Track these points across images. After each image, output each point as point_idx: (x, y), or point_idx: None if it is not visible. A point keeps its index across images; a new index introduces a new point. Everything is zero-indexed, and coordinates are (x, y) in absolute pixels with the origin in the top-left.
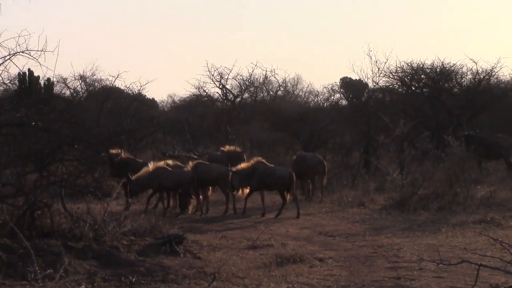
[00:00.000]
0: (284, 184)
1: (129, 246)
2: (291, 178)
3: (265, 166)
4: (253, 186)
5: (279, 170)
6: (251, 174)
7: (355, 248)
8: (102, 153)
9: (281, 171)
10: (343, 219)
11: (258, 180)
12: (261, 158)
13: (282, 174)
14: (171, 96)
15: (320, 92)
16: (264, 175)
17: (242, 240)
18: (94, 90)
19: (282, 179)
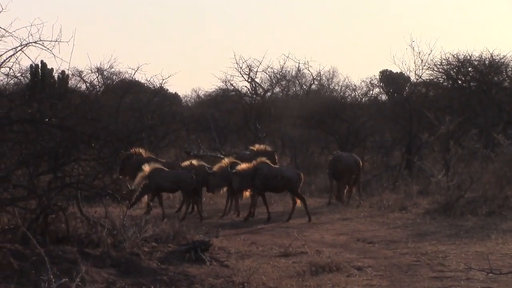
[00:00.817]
0: (292, 186)
1: (150, 253)
2: (299, 180)
3: (269, 167)
4: (257, 187)
5: (286, 171)
6: (253, 176)
7: (396, 256)
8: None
9: (289, 172)
10: (383, 224)
11: (262, 181)
12: (265, 159)
13: (290, 175)
14: (195, 90)
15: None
16: (269, 176)
17: (273, 247)
18: (112, 84)
19: (289, 181)
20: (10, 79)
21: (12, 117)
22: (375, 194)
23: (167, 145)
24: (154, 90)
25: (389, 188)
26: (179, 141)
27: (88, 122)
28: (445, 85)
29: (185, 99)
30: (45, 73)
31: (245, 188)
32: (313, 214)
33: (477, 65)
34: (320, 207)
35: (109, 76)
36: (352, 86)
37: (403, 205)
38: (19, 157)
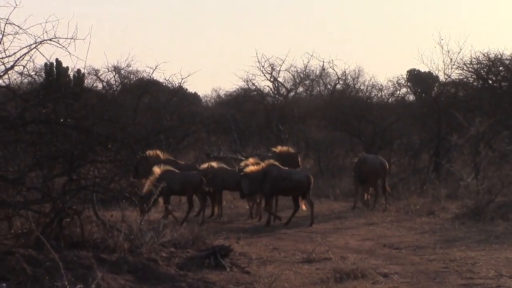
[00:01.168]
0: (301, 189)
1: (168, 259)
2: (309, 183)
3: (279, 169)
4: (266, 191)
5: (296, 173)
6: (263, 179)
7: (424, 263)
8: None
9: (298, 174)
10: (410, 229)
11: (272, 184)
12: (274, 160)
13: (299, 178)
14: (215, 90)
15: (384, 86)
16: (278, 179)
17: (296, 253)
18: (130, 83)
19: (299, 183)
20: (24, 78)
21: (26, 117)
22: (402, 198)
23: (186, 147)
24: (173, 90)
25: (416, 192)
26: (198, 143)
27: (105, 123)
28: (475, 85)
29: (205, 99)
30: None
31: (254, 192)
32: (337, 218)
33: (508, 64)
34: (345, 212)
35: (127, 75)
36: (379, 86)
37: (431, 209)
38: (33, 159)
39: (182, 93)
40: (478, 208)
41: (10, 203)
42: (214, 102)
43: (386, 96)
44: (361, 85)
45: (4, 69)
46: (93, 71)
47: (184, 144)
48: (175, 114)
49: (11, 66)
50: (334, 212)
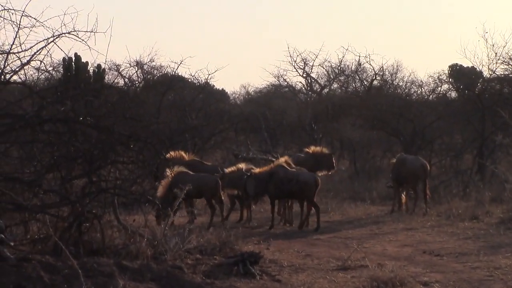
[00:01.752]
0: (309, 192)
1: (194, 266)
2: (316, 185)
3: (286, 170)
4: (271, 193)
5: (303, 175)
6: (269, 180)
7: (466, 270)
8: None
9: (305, 176)
10: (452, 235)
11: (277, 186)
12: (284, 159)
13: (306, 179)
14: (244, 86)
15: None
16: (284, 181)
17: (330, 260)
18: (153, 79)
19: (305, 186)
20: (41, 74)
21: (43, 116)
22: (443, 202)
23: (213, 147)
24: (199, 86)
25: (458, 195)
26: (226, 143)
27: (127, 121)
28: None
29: (233, 96)
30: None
31: (260, 193)
32: (374, 223)
33: None
34: (382, 216)
35: (150, 71)
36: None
37: (475, 214)
38: (50, 160)
39: (209, 89)
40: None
41: (26, 207)
42: (242, 99)
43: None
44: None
45: (20, 64)
46: (114, 66)
47: (211, 144)
48: (201, 112)
49: (28, 61)
50: (370, 216)
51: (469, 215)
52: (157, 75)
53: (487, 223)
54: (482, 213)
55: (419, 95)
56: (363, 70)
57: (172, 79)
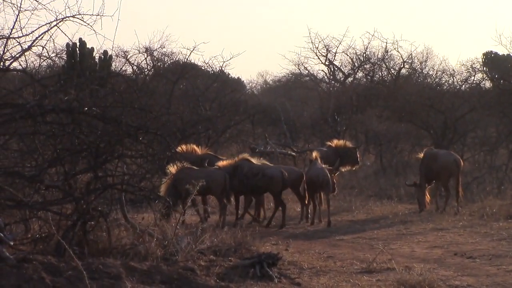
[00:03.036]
0: (275, 187)
1: (208, 268)
2: (284, 180)
3: (251, 164)
4: (236, 188)
5: (269, 169)
6: (232, 174)
7: (501, 274)
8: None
9: (271, 170)
10: (485, 235)
11: (241, 181)
12: (247, 155)
13: (272, 174)
14: (262, 75)
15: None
16: (249, 175)
17: (354, 262)
18: (164, 67)
19: (271, 180)
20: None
21: (45, 105)
22: (476, 200)
23: (228, 140)
24: (213, 75)
25: (493, 192)
26: (242, 136)
27: (135, 112)
28: None
29: (250, 85)
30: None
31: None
32: (402, 223)
33: None
34: (410, 215)
35: (160, 58)
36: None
37: (510, 213)
38: (53, 153)
39: (224, 78)
40: None
41: (27, 204)
42: (260, 89)
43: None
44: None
45: (21, 50)
46: (121, 53)
47: (226, 137)
48: (216, 103)
49: (28, 46)
50: (397, 215)
51: (504, 214)
52: (168, 62)
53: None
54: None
55: (450, 85)
56: (390, 57)
57: (184, 67)
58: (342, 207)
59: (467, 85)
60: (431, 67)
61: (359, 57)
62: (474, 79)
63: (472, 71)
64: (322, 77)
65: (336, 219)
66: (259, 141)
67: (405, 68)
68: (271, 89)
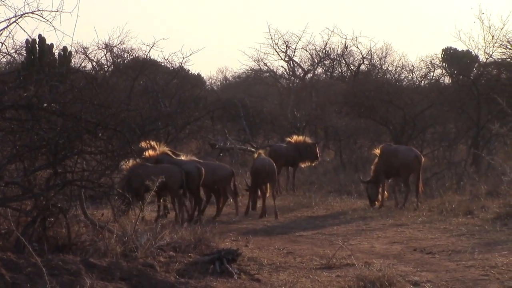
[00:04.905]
0: (191, 182)
1: (167, 264)
2: (199, 175)
3: (170, 159)
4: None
5: (185, 164)
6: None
7: (460, 269)
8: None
9: (188, 165)
10: (445, 231)
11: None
12: (168, 149)
13: (188, 169)
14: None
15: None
16: None
17: (314, 258)
18: (123, 63)
19: (188, 176)
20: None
21: (4, 102)
22: (435, 196)
23: (188, 136)
24: (173, 71)
25: (452, 188)
26: (202, 132)
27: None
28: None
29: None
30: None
31: None
32: (361, 219)
33: None
34: (369, 211)
35: (120, 54)
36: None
37: (469, 208)
38: (12, 149)
39: (184, 74)
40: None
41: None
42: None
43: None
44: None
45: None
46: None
47: (186, 133)
48: (175, 99)
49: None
50: (357, 211)
51: (463, 210)
52: (127, 58)
53: (483, 219)
54: (477, 207)
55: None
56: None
57: (143, 63)
58: (302, 203)
59: (426, 81)
60: (391, 63)
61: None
62: (433, 75)
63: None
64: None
65: (295, 215)
66: (218, 137)
67: (365, 64)
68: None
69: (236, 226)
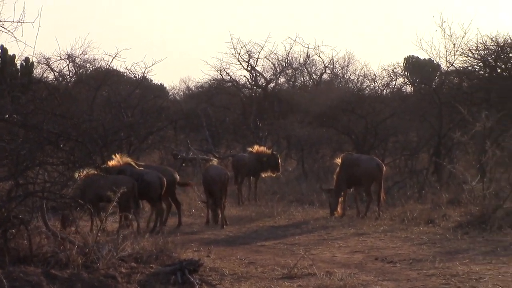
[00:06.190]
0: (153, 192)
1: (129, 275)
2: (161, 185)
3: (133, 170)
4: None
5: (147, 174)
6: None
7: (421, 278)
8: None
9: (149, 175)
10: (406, 240)
11: None
12: (131, 159)
13: (149, 179)
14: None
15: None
16: None
17: (275, 268)
18: (86, 74)
19: (149, 185)
20: None
21: None
22: (397, 205)
23: (151, 146)
24: (136, 81)
25: (413, 197)
26: (164, 142)
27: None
28: (481, 74)
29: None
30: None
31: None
32: (323, 228)
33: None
34: (331, 220)
35: (82, 64)
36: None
37: (430, 217)
38: None
39: (146, 84)
40: (484, 215)
41: None
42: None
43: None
44: (351, 75)
45: None
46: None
47: (148, 144)
48: (138, 109)
49: None
50: (319, 221)
51: (424, 219)
52: (90, 69)
53: (444, 227)
54: (439, 216)
55: (372, 90)
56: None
57: (106, 73)
58: (264, 212)
59: (389, 89)
60: (353, 72)
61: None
62: (395, 83)
63: (394, 76)
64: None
65: (257, 225)
66: (181, 147)
67: (327, 73)
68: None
69: (198, 236)
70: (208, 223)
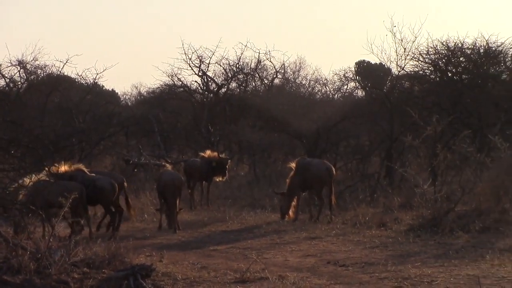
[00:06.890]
0: (105, 198)
1: (81, 281)
2: (113, 191)
3: (84, 175)
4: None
5: (99, 180)
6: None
7: (373, 281)
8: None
9: (101, 181)
10: (358, 243)
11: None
12: (82, 165)
13: (102, 185)
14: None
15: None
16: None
17: (228, 272)
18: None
19: (102, 191)
20: None
21: None
22: (349, 208)
23: (102, 152)
24: (87, 87)
25: (365, 200)
26: (116, 147)
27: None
28: (432, 78)
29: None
30: None
31: None
32: (275, 232)
33: (470, 54)
34: (283, 224)
35: (33, 70)
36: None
37: (382, 220)
38: None
39: (97, 90)
40: (436, 218)
41: None
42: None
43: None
44: (302, 79)
45: None
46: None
47: (100, 149)
48: (89, 115)
49: None
50: (271, 225)
51: (376, 222)
52: (41, 75)
53: (396, 231)
54: (391, 220)
55: (323, 94)
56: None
57: (57, 79)
58: (216, 217)
59: (340, 94)
60: (304, 77)
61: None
62: (347, 88)
63: (345, 80)
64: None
65: (210, 230)
66: (133, 152)
67: (278, 78)
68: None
69: (150, 241)
70: (161, 228)
